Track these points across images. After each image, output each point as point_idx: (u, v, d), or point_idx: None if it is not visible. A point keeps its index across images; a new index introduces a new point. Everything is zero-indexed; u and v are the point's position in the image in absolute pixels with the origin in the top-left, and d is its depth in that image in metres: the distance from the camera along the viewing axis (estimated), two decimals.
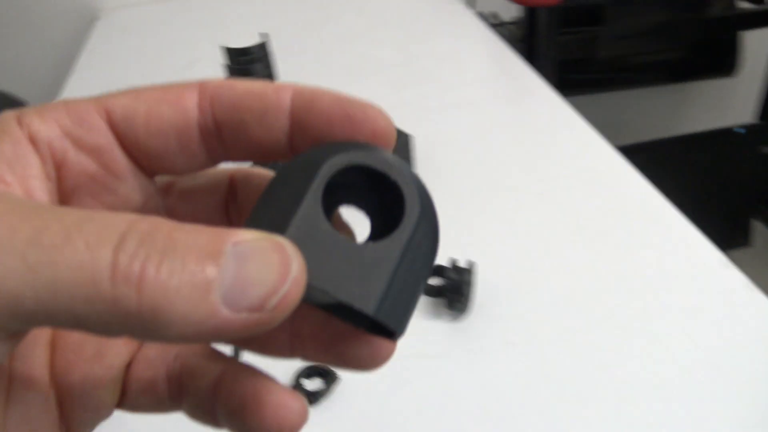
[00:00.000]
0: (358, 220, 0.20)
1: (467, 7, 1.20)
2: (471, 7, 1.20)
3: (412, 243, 0.16)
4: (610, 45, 1.25)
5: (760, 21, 1.32)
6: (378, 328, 0.17)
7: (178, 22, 1.24)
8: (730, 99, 1.53)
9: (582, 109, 0.83)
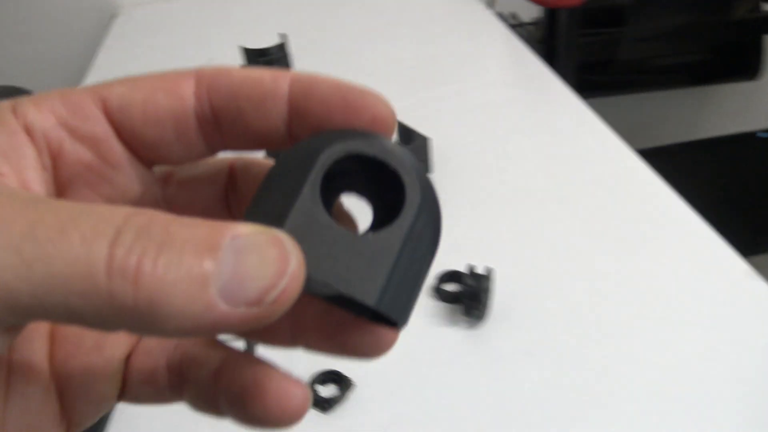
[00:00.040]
0: (361, 210, 0.19)
1: (486, 7, 1.18)
2: (490, 7, 1.19)
3: (413, 232, 0.16)
4: (632, 47, 1.23)
5: None
6: (380, 317, 0.17)
7: (196, 20, 1.24)
8: (753, 103, 1.51)
9: (601, 111, 0.81)
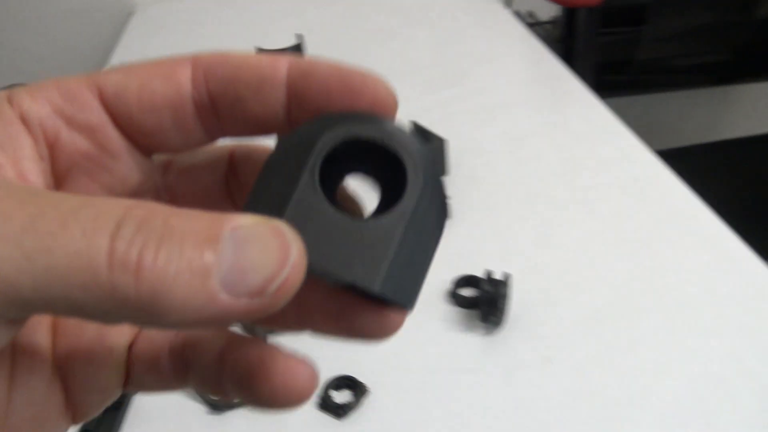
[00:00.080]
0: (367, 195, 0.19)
1: (503, 5, 1.17)
2: (507, 5, 1.18)
3: (416, 215, 0.15)
4: (652, 46, 1.21)
5: None
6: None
7: (212, 18, 1.24)
8: None
9: (620, 111, 0.80)
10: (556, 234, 0.62)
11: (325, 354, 0.32)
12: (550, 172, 0.71)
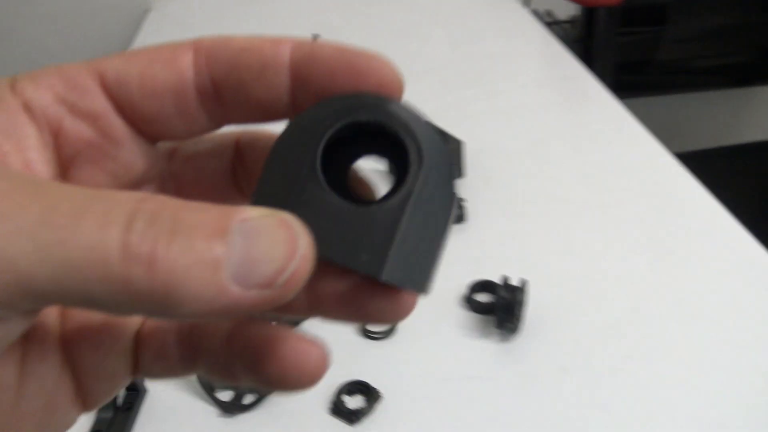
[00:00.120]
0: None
1: (521, 5, 1.16)
2: (525, 5, 1.17)
3: (421, 197, 0.15)
4: (673, 47, 1.19)
5: None
6: None
7: (228, 16, 1.24)
8: None
9: (639, 112, 0.79)
10: (573, 238, 0.61)
11: (337, 358, 0.31)
12: (567, 175, 0.70)
